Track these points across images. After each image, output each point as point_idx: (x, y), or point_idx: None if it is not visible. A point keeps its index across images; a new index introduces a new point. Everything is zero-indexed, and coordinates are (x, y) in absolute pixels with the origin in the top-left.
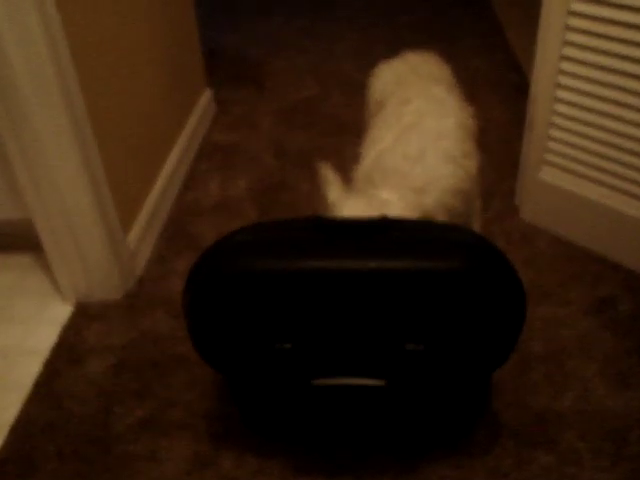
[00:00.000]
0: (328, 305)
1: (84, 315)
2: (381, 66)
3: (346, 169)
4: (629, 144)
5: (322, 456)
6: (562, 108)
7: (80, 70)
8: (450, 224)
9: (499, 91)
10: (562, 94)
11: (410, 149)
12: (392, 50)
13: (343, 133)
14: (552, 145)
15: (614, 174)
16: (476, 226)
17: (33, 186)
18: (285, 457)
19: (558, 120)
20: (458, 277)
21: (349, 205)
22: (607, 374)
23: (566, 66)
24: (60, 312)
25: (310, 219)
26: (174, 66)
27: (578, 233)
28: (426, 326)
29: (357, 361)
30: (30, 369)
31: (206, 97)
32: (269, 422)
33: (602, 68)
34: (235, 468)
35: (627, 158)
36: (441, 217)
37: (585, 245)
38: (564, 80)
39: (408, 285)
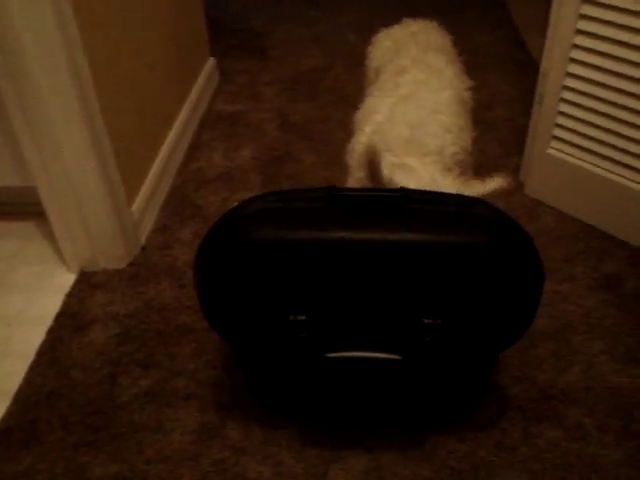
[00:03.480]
0: (345, 277)
1: (88, 284)
2: (380, 34)
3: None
4: (638, 119)
5: (330, 428)
6: (573, 83)
7: (85, 36)
8: (471, 197)
9: (503, 67)
10: (574, 69)
11: (409, 119)
12: (396, 22)
13: (346, 104)
14: (561, 120)
15: (623, 150)
16: None
17: (37, 153)
18: (293, 428)
19: (568, 95)
20: (480, 252)
21: (402, 174)
22: (613, 350)
23: (579, 40)
24: (63, 280)
25: (326, 189)
26: (178, 34)
27: (584, 209)
28: (445, 301)
29: (373, 335)
30: (33, 337)
31: (209, 66)
32: (278, 394)
33: (616, 42)
34: (242, 439)
35: (637, 134)
36: None
37: (591, 221)
38: (577, 54)
39: (428, 259)
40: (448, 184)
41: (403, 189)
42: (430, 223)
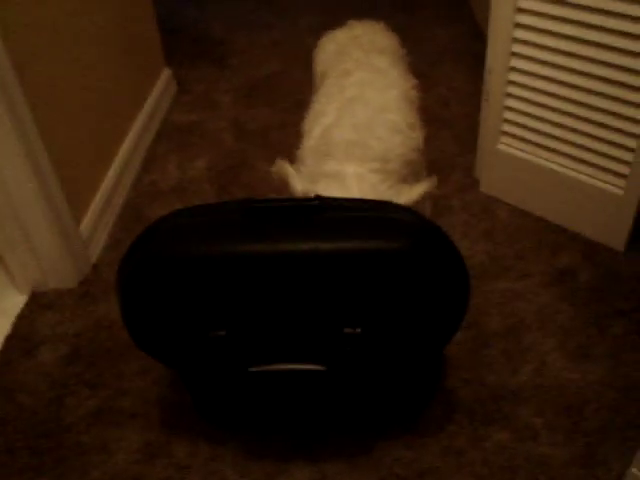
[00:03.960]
0: (263, 290)
1: (38, 304)
2: (324, 37)
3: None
4: (584, 112)
5: (275, 440)
6: (517, 77)
7: (13, 47)
8: (390, 202)
9: (462, 62)
10: (517, 62)
11: (357, 121)
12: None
13: (303, 109)
14: (508, 115)
15: (571, 143)
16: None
17: None
18: (239, 443)
19: (513, 89)
20: (398, 258)
21: (323, 190)
22: (565, 347)
23: (519, 33)
24: (14, 302)
25: (243, 201)
26: (128, 46)
27: (537, 204)
28: (365, 309)
29: (295, 346)
30: None
31: (165, 77)
32: (219, 409)
33: (555, 35)
34: (187, 456)
35: (583, 126)
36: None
37: (544, 216)
38: (518, 48)
39: (345, 267)
40: (378, 197)
41: (319, 198)
42: (346, 231)
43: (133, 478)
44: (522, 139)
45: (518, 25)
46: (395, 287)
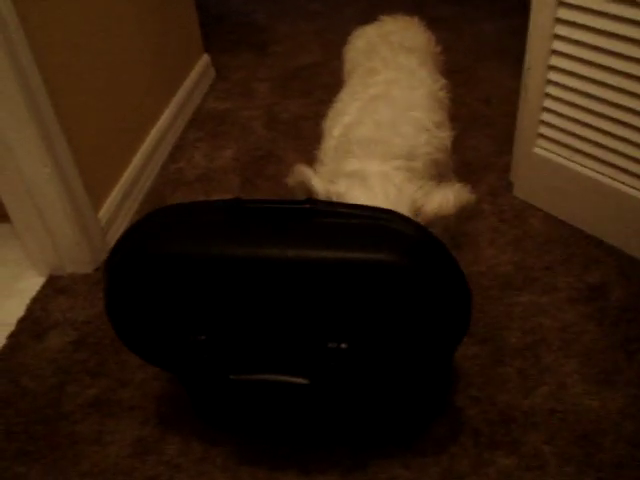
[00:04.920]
0: (246, 296)
1: (53, 288)
2: (355, 33)
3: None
4: (627, 117)
5: (269, 447)
6: (556, 76)
7: (29, 28)
8: (390, 211)
9: (509, 58)
10: (557, 61)
11: (380, 118)
12: (404, 13)
13: None
14: (546, 117)
15: (611, 150)
16: None
17: None
18: (231, 446)
19: (552, 90)
20: (391, 271)
21: (344, 190)
22: (587, 370)
23: (560, 30)
24: (32, 284)
25: (231, 202)
26: (163, 33)
27: (573, 212)
28: (351, 323)
29: (278, 357)
30: None
31: (202, 63)
32: (213, 409)
33: (598, 32)
34: (179, 455)
35: (624, 132)
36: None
37: (580, 226)
38: (559, 45)
39: (333, 278)
40: (405, 199)
41: (311, 200)
42: (336, 239)
43: (122, 473)
44: (560, 143)
45: (559, 20)
46: (387, 303)
